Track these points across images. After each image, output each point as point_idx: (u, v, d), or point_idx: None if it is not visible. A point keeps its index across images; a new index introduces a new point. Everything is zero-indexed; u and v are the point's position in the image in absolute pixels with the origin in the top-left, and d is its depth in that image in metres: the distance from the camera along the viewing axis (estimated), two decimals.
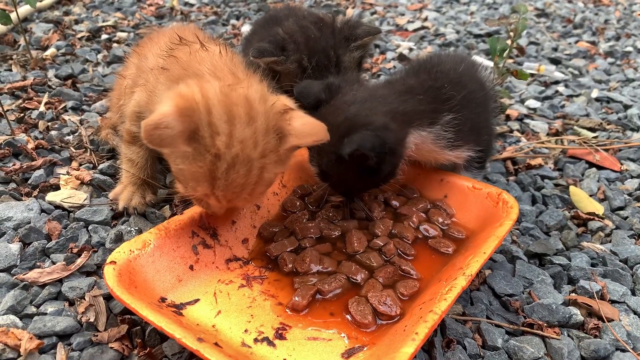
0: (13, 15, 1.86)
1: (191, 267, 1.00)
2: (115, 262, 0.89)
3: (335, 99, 1.13)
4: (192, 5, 2.88)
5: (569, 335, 1.00)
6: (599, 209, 1.37)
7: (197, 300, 0.95)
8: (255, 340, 0.87)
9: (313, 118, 0.96)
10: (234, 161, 0.87)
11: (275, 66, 1.36)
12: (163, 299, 0.93)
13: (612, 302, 1.09)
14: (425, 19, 2.87)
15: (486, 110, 1.27)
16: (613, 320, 1.03)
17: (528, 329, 1.00)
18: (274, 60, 1.33)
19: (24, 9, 2.34)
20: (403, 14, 2.94)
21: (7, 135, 1.47)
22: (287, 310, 0.94)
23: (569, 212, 1.37)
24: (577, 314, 1.03)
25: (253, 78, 1.00)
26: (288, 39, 1.35)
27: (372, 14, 2.92)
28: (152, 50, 1.21)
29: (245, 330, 0.89)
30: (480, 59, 1.44)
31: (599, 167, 1.57)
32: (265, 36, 1.52)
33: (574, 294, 1.10)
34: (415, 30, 2.66)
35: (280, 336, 0.88)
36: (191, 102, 0.86)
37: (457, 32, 2.68)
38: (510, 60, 2.32)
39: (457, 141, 1.17)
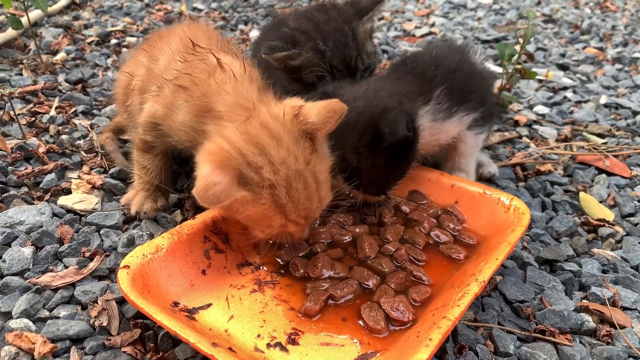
0: (24, 20, 1.87)
1: (203, 272, 1.00)
2: (128, 267, 0.90)
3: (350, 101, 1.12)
4: (200, 10, 2.89)
5: (581, 342, 1.00)
6: (610, 215, 1.36)
7: (209, 305, 0.95)
8: (268, 345, 0.88)
9: (320, 102, 0.96)
10: (288, 182, 0.90)
11: (291, 62, 1.35)
12: (176, 304, 0.93)
13: (624, 308, 1.09)
14: (433, 25, 2.87)
15: (474, 77, 1.34)
16: (625, 327, 1.03)
17: (540, 336, 1.00)
18: (286, 55, 1.32)
19: (34, 14, 2.35)
20: (410, 20, 2.95)
21: (18, 139, 1.48)
22: (299, 315, 0.94)
23: (579, 219, 1.37)
24: (589, 321, 1.03)
25: (264, 100, 1.01)
26: (297, 33, 1.34)
27: (380, 19, 2.93)
28: (163, 52, 1.20)
29: (258, 335, 0.89)
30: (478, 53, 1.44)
31: (609, 174, 1.56)
32: (273, 38, 1.53)
33: (585, 301, 1.09)
34: (422, 36, 2.67)
35: (293, 341, 0.89)
36: (222, 153, 0.90)
37: (465, 37, 2.68)
38: (518, 66, 2.31)
39: (453, 107, 1.25)
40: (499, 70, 1.58)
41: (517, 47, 1.64)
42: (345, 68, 1.33)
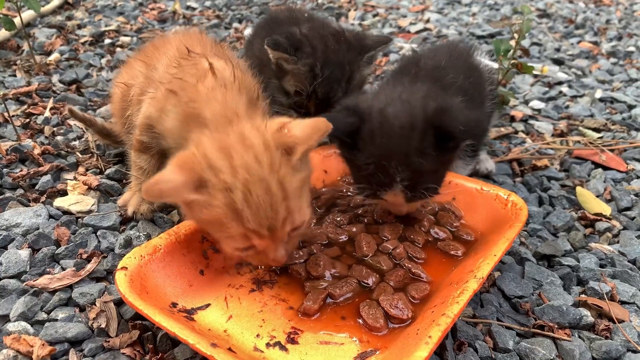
0: (16, 20, 1.86)
1: (201, 272, 1.00)
2: (126, 268, 0.90)
3: (372, 111, 1.04)
4: (194, 9, 2.88)
5: (579, 337, 1.00)
6: (606, 209, 1.37)
7: (208, 305, 0.95)
8: (268, 344, 0.87)
9: (308, 120, 0.94)
10: (246, 186, 0.85)
11: (284, 64, 1.35)
12: (174, 304, 0.93)
13: (622, 302, 1.09)
14: (427, 21, 2.87)
15: (473, 97, 1.26)
16: (624, 321, 1.03)
17: (539, 331, 1.00)
18: (285, 57, 1.32)
19: (27, 14, 2.34)
20: (405, 16, 2.94)
21: (13, 141, 1.48)
22: (298, 314, 0.94)
23: (576, 213, 1.37)
24: (588, 315, 1.03)
25: (250, 111, 1.01)
26: (305, 42, 1.34)
27: (374, 16, 2.93)
28: (161, 62, 1.19)
29: (257, 335, 0.89)
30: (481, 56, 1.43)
31: (605, 168, 1.57)
32: (281, 33, 1.53)
33: (583, 295, 1.10)
34: (417, 32, 2.66)
35: (292, 340, 0.88)
36: (188, 157, 0.89)
37: (460, 33, 2.68)
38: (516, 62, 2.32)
39: None
40: (495, 65, 1.57)
41: (513, 43, 1.64)
42: (323, 99, 1.35)
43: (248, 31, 2.51)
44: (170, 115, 1.05)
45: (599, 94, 2.04)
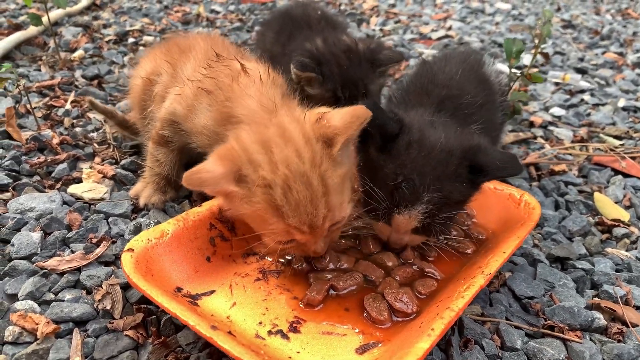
0: (44, 19, 1.91)
1: (208, 259, 1.00)
2: (132, 250, 0.90)
3: (413, 126, 1.00)
4: (217, 12, 2.92)
5: (591, 339, 0.97)
6: (625, 215, 1.33)
7: (212, 292, 0.95)
8: (269, 332, 0.87)
9: (346, 108, 0.93)
10: (286, 182, 0.85)
11: (309, 88, 1.34)
12: (179, 289, 0.93)
13: (637, 308, 1.06)
14: (450, 28, 2.86)
15: (488, 115, 1.22)
16: (637, 325, 1.00)
17: (548, 332, 0.98)
18: (311, 77, 1.31)
19: (54, 13, 2.40)
20: (427, 23, 2.94)
21: (33, 130, 1.50)
22: (302, 304, 0.93)
23: (593, 219, 1.34)
24: (600, 318, 1.00)
25: (287, 105, 1.00)
26: (324, 60, 1.33)
27: (396, 22, 2.93)
28: (188, 64, 1.19)
29: (260, 323, 0.89)
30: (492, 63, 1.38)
31: (625, 175, 1.53)
32: (277, 35, 1.53)
33: (597, 299, 1.07)
34: (438, 39, 2.65)
35: (294, 329, 0.88)
36: (229, 149, 0.89)
37: (482, 41, 2.66)
38: (535, 69, 2.29)
39: None
40: (506, 69, 1.54)
41: (534, 50, 1.62)
42: None
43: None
44: (203, 113, 1.05)
45: (622, 102, 2.01)
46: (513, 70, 1.56)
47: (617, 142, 1.70)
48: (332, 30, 1.54)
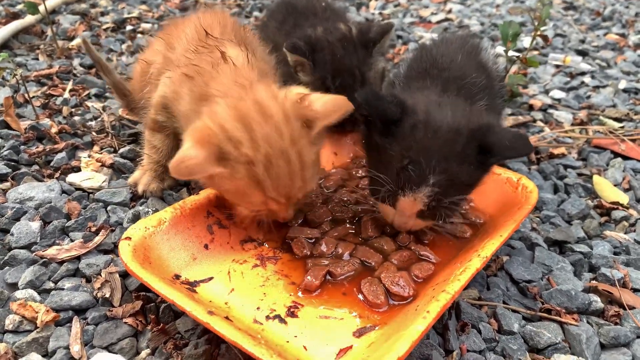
0: (41, 8, 1.90)
1: (206, 246, 1.01)
2: (130, 238, 0.90)
3: (417, 108, 0.98)
4: None
5: (588, 322, 0.98)
6: (624, 198, 1.33)
7: (211, 279, 0.95)
8: (267, 317, 0.87)
9: (329, 96, 0.95)
10: (267, 159, 0.88)
11: (302, 74, 1.34)
12: (177, 276, 0.93)
13: (635, 290, 1.06)
14: (450, 12, 2.83)
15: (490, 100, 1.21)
16: (635, 307, 1.01)
17: (545, 315, 0.98)
18: (303, 61, 1.31)
19: (51, 1, 2.38)
20: (427, 6, 2.91)
21: (31, 120, 1.50)
22: (299, 291, 0.94)
23: (592, 202, 1.34)
24: (597, 301, 1.01)
25: (265, 82, 1.00)
26: (319, 47, 1.32)
27: (396, 6, 2.90)
28: (179, 40, 1.19)
29: (258, 308, 0.89)
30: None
31: (625, 157, 1.53)
32: (280, 24, 1.52)
33: (594, 282, 1.07)
34: (438, 22, 2.63)
35: (292, 314, 0.88)
36: (205, 129, 0.90)
37: (482, 24, 2.64)
38: (536, 52, 2.28)
39: None
40: (511, 53, 1.53)
41: (534, 32, 1.60)
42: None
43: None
44: (184, 99, 1.06)
45: (623, 84, 1.99)
46: (510, 53, 1.55)
47: (617, 125, 1.69)
48: (338, 20, 1.51)
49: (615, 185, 1.40)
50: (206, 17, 1.25)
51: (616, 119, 1.73)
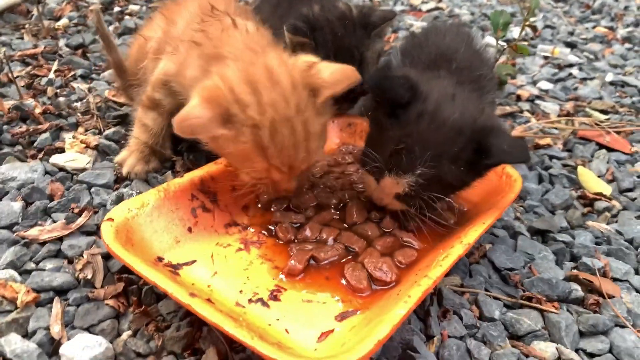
0: None
1: (189, 229, 1.00)
2: (112, 220, 0.90)
3: (429, 97, 0.97)
4: None
5: (568, 310, 0.99)
6: (606, 189, 1.35)
7: (194, 262, 0.95)
8: (250, 300, 0.87)
9: (338, 65, 0.95)
10: (273, 125, 0.88)
11: (301, 52, 1.31)
12: (160, 259, 0.93)
13: (615, 280, 1.08)
14: (440, 0, 2.83)
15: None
16: (614, 296, 1.02)
17: (526, 302, 0.99)
18: (303, 42, 1.28)
19: None
20: None
21: (15, 100, 1.48)
22: (281, 275, 0.94)
23: (576, 192, 1.35)
24: (578, 290, 1.02)
25: (274, 48, 1.01)
26: (318, 26, 1.29)
27: None
28: (182, 16, 1.20)
29: (240, 291, 0.89)
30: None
31: (609, 149, 1.54)
32: (274, 8, 1.50)
33: (575, 270, 1.08)
34: (429, 11, 2.63)
35: (274, 297, 0.88)
36: (214, 89, 0.89)
37: (472, 13, 2.64)
38: (525, 42, 2.28)
39: None
40: (493, 42, 1.53)
41: (523, 22, 1.60)
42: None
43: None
44: (192, 65, 1.05)
45: (610, 77, 2.01)
46: (500, 42, 1.55)
47: (602, 117, 1.70)
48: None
49: (599, 177, 1.41)
50: None
51: (602, 111, 1.74)
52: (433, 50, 1.18)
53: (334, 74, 0.93)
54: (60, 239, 1.02)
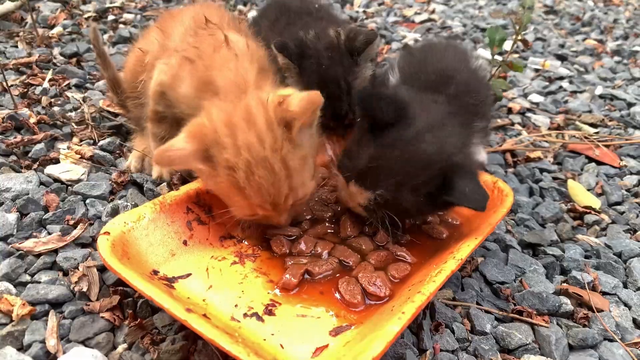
0: None
1: (185, 242, 1.01)
2: (109, 233, 0.90)
3: (411, 124, 0.99)
4: None
5: (558, 324, 1.00)
6: (596, 203, 1.37)
7: (189, 275, 0.95)
8: (245, 315, 0.88)
9: (304, 93, 0.95)
10: (248, 167, 0.90)
11: (288, 77, 1.31)
12: (155, 272, 0.93)
13: (604, 293, 1.09)
14: (433, 12, 2.86)
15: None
16: (603, 310, 1.04)
17: (517, 316, 1.01)
18: (288, 64, 1.29)
19: None
20: (410, 6, 2.93)
21: (10, 109, 1.48)
22: (276, 289, 0.95)
23: (566, 205, 1.37)
24: (567, 304, 1.03)
25: (259, 84, 1.02)
26: (307, 55, 1.29)
27: (380, 4, 2.91)
28: (177, 29, 1.21)
29: (236, 305, 0.90)
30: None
31: (599, 163, 1.56)
32: (272, 23, 1.50)
33: (565, 284, 1.10)
34: (421, 22, 2.65)
35: (269, 312, 0.89)
36: (200, 126, 0.93)
37: (464, 25, 2.67)
38: (516, 55, 2.31)
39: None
40: (489, 56, 1.55)
41: (515, 35, 1.62)
42: (331, 116, 1.27)
43: (253, 14, 2.51)
44: (185, 82, 1.07)
45: (599, 90, 2.03)
46: (495, 57, 1.57)
47: (592, 130, 1.72)
48: (330, 23, 1.49)
49: (588, 190, 1.43)
50: (203, 7, 1.26)
51: (592, 125, 1.77)
52: (431, 70, 1.19)
53: (301, 103, 0.94)
54: (55, 251, 1.03)
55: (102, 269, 1.00)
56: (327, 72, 1.28)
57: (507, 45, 1.60)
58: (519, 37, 1.61)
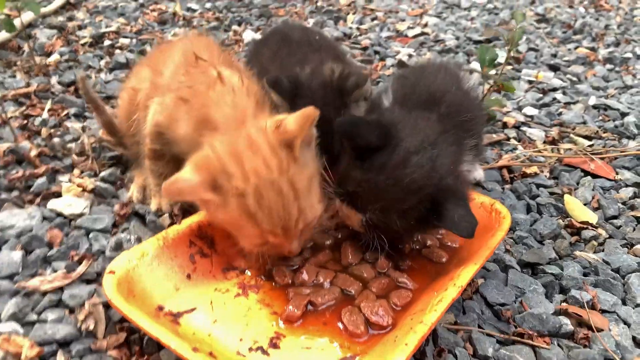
0: (17, 21, 1.89)
1: (188, 276, 1.02)
2: (114, 272, 0.92)
3: (397, 147, 1.01)
4: (194, 10, 2.90)
5: (559, 345, 1.02)
6: (592, 217, 1.38)
7: (193, 309, 0.97)
8: (250, 349, 0.90)
9: (299, 111, 0.97)
10: (257, 190, 0.91)
11: (280, 110, 1.27)
12: (161, 308, 0.95)
13: (603, 311, 1.11)
14: (426, 25, 2.88)
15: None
16: (603, 330, 1.05)
17: (518, 339, 1.02)
18: (279, 100, 1.25)
19: (28, 15, 2.37)
20: (403, 20, 2.95)
21: (10, 142, 1.50)
22: (280, 321, 0.96)
23: (563, 221, 1.38)
24: (568, 324, 1.05)
25: (256, 115, 1.04)
26: (300, 94, 1.27)
27: (373, 19, 2.94)
28: (167, 67, 1.22)
29: (240, 339, 0.92)
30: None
31: (594, 176, 1.58)
32: (274, 53, 1.50)
33: (564, 304, 1.11)
34: (415, 37, 2.68)
35: (274, 345, 0.91)
36: (205, 158, 0.94)
37: (457, 38, 2.69)
38: (509, 67, 2.33)
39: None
40: (480, 72, 1.57)
41: (504, 51, 1.64)
42: (326, 152, 1.21)
43: (247, 34, 2.53)
44: (182, 122, 1.09)
45: (592, 100, 2.05)
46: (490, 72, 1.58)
47: (587, 143, 1.74)
48: (329, 55, 1.49)
49: (585, 204, 1.45)
50: (192, 41, 1.28)
51: (586, 137, 1.79)
52: (424, 91, 1.21)
53: (297, 120, 0.96)
54: (61, 289, 1.04)
55: (108, 306, 1.00)
56: (321, 112, 1.28)
57: (501, 57, 1.60)
58: (512, 54, 1.63)
